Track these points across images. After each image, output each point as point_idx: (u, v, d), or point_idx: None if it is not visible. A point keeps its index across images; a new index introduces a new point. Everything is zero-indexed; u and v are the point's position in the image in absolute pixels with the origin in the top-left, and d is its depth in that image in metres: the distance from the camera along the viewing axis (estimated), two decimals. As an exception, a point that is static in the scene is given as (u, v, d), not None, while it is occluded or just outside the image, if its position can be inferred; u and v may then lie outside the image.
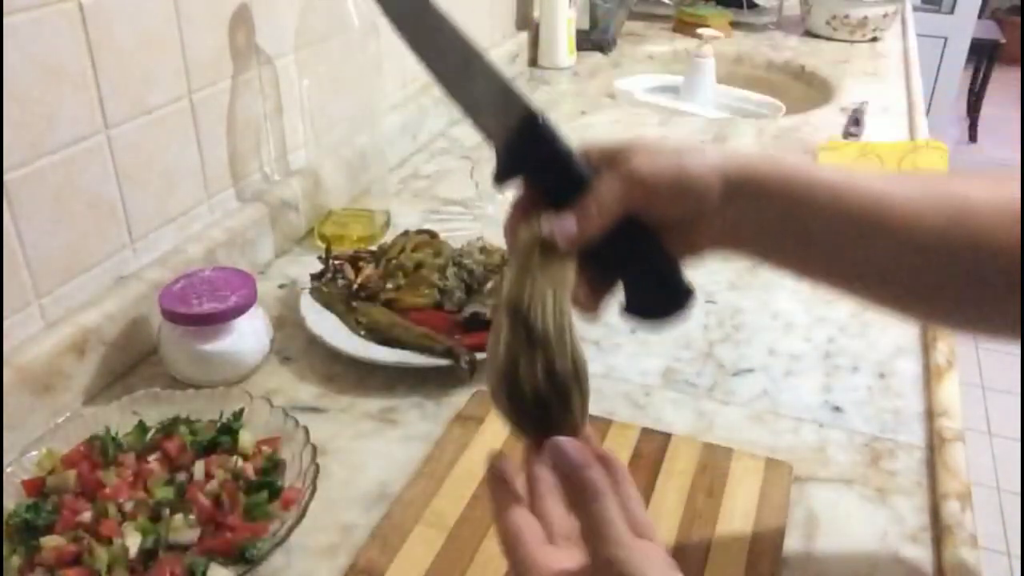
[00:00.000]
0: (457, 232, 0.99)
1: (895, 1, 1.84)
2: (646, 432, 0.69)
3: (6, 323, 0.67)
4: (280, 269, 0.94)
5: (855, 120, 1.38)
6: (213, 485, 0.59)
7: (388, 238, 0.94)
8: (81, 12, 0.69)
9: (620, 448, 0.67)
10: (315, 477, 0.60)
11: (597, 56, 1.75)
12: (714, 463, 0.65)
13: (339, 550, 0.59)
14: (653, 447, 0.67)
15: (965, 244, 0.45)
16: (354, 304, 0.81)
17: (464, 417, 0.71)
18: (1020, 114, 3.86)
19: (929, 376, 0.76)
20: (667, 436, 0.68)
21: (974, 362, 2.60)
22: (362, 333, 0.79)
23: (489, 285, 0.82)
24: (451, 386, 0.75)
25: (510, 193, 0.50)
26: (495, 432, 0.68)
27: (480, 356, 0.75)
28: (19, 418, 0.66)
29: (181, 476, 0.60)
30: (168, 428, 0.64)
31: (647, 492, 0.63)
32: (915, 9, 2.61)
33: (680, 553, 0.57)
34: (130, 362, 0.77)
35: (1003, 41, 3.95)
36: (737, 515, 0.60)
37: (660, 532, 0.58)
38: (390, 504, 0.62)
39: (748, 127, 1.39)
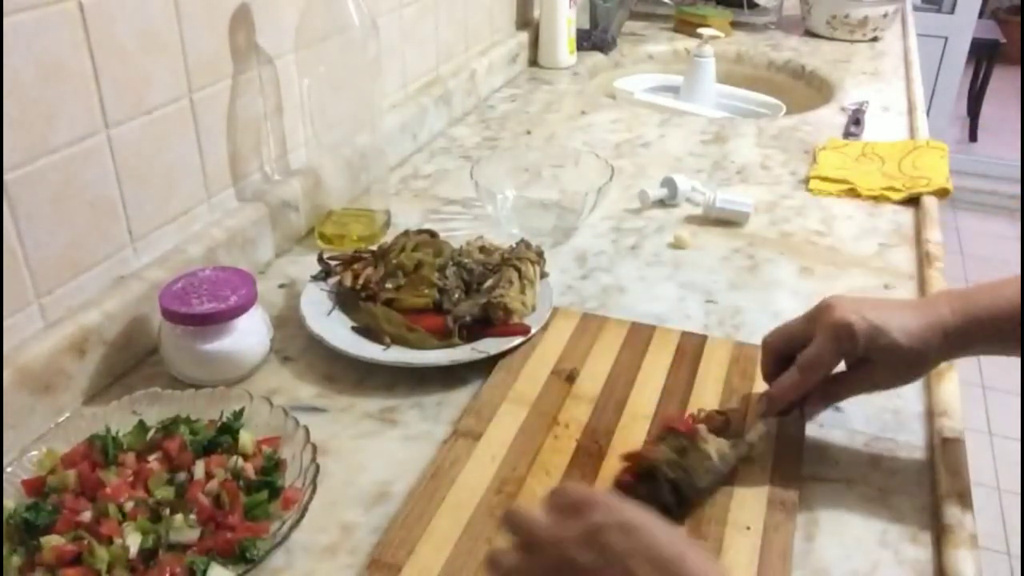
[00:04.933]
0: (457, 232, 0.99)
1: (895, 1, 1.84)
2: (686, 335, 0.81)
3: (6, 323, 0.67)
4: (280, 269, 0.94)
5: (855, 120, 1.38)
6: (213, 485, 0.59)
7: (388, 238, 0.93)
8: (81, 12, 0.69)
9: (663, 349, 0.78)
10: (315, 477, 0.60)
11: (597, 56, 1.75)
12: (745, 355, 0.77)
13: (339, 550, 0.59)
14: (692, 346, 0.79)
15: None
16: (354, 304, 0.81)
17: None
18: (1020, 114, 3.86)
19: (929, 376, 0.76)
20: (703, 337, 0.80)
21: (974, 362, 2.60)
22: (363, 333, 0.79)
23: (488, 284, 0.82)
24: (451, 386, 0.75)
25: (510, 192, 0.50)
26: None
27: (479, 356, 0.75)
28: (19, 418, 0.66)
29: (181, 476, 0.60)
30: (168, 428, 0.64)
31: (690, 379, 0.74)
32: (915, 9, 2.61)
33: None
34: (130, 362, 0.77)
35: (1003, 41, 3.95)
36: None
37: (705, 407, 0.70)
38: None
39: (748, 127, 1.39)
